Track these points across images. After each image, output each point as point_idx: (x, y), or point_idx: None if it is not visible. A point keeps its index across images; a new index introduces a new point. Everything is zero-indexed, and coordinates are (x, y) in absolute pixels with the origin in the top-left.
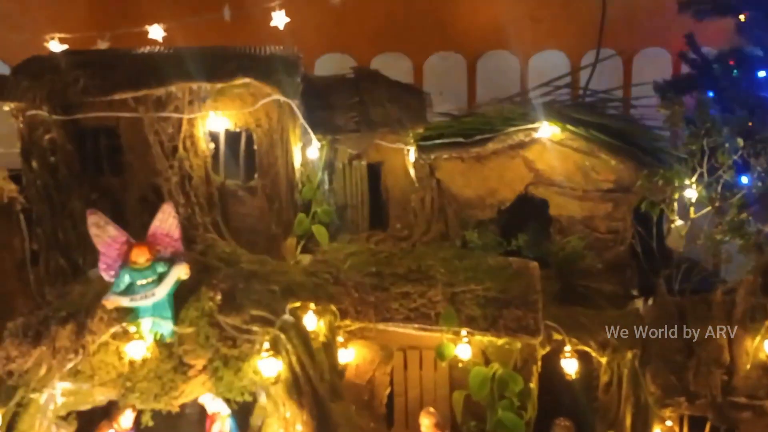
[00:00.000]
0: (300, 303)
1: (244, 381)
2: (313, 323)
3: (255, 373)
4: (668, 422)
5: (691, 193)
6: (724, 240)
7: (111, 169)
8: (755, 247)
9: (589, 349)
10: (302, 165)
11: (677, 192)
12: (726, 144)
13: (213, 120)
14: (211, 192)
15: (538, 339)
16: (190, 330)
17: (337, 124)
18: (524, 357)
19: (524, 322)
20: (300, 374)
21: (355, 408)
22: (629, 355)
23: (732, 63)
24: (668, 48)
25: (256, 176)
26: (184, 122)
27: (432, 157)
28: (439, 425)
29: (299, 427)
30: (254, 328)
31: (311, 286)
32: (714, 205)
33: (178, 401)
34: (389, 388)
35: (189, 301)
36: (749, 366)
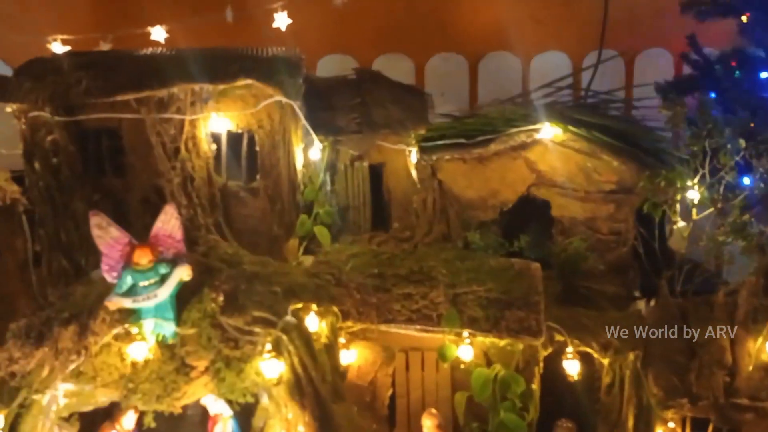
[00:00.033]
0: (302, 304)
1: (246, 382)
2: (315, 324)
3: (257, 375)
4: (670, 424)
5: (694, 195)
6: (727, 241)
7: (113, 171)
8: (757, 249)
9: (591, 351)
10: (304, 166)
11: (679, 193)
12: (728, 145)
13: (215, 121)
14: (214, 193)
15: (540, 340)
16: (193, 331)
17: (339, 125)
18: (526, 358)
19: (526, 324)
20: (302, 375)
21: (357, 409)
22: (631, 357)
23: (734, 64)
24: (670, 49)
25: (258, 177)
26: (187, 123)
27: (434, 158)
28: (441, 426)
29: (301, 429)
30: (256, 330)
31: (313, 288)
32: (716, 207)
33: (181, 402)
34: (391, 390)
35: (191, 303)
36: (751, 367)
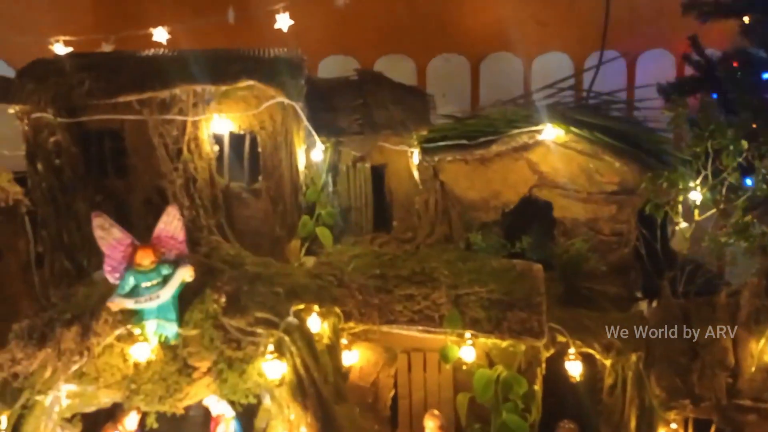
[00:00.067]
0: (304, 305)
1: (249, 383)
2: (317, 325)
3: (259, 376)
4: (673, 425)
5: (696, 196)
6: (729, 242)
7: (115, 172)
8: (760, 250)
9: (594, 352)
10: (306, 167)
11: (681, 194)
12: (730, 146)
13: (217, 122)
14: (216, 194)
15: (543, 341)
16: (195, 332)
17: (341, 127)
18: (528, 359)
19: (528, 325)
20: (304, 376)
21: (359, 410)
22: (634, 358)
23: (736, 65)
24: (672, 50)
25: (261, 178)
26: (189, 125)
27: (436, 160)
28: (444, 428)
29: (303, 430)
30: (259, 331)
31: (315, 289)
32: (718, 208)
33: (183, 403)
34: (393, 391)
35: (193, 304)
36: (754, 368)
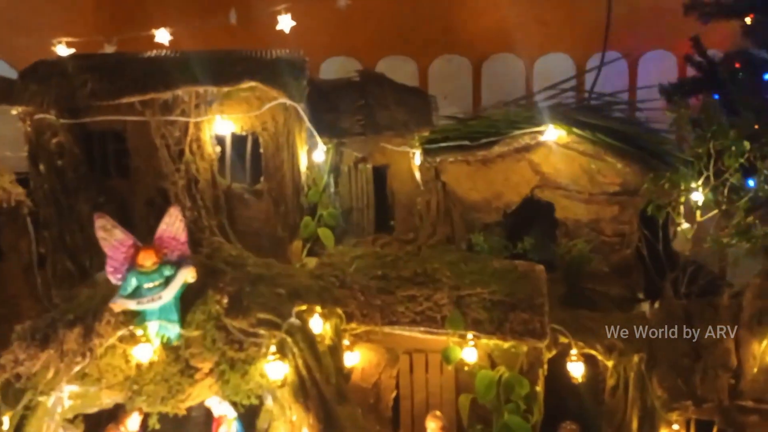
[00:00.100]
0: (306, 306)
1: (251, 384)
2: (319, 326)
3: (261, 376)
4: (675, 426)
5: (698, 196)
6: (731, 243)
7: (118, 173)
8: (762, 251)
9: (596, 353)
10: (308, 168)
11: (683, 195)
12: (732, 147)
13: (219, 123)
14: (218, 195)
15: (545, 342)
16: (197, 333)
17: (343, 128)
18: (530, 360)
19: (530, 326)
20: (306, 377)
21: (361, 411)
22: (636, 359)
23: (738, 65)
24: (674, 51)
25: (262, 179)
26: (191, 126)
27: (437, 160)
28: (445, 429)
29: (305, 430)
30: (261, 332)
31: (317, 290)
32: (720, 208)
33: (185, 404)
34: (395, 392)
35: (195, 305)
36: (756, 370)
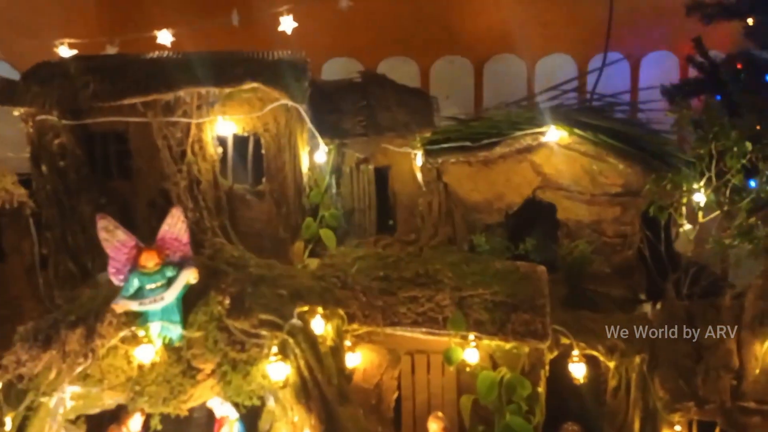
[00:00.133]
0: (308, 307)
1: (253, 385)
2: (321, 327)
3: (263, 377)
4: (677, 427)
5: (700, 198)
6: (733, 244)
7: (120, 174)
8: (764, 251)
9: (597, 354)
10: (310, 169)
11: (685, 196)
12: (734, 148)
13: (221, 124)
14: (219, 196)
15: (546, 343)
16: (199, 334)
17: (345, 129)
18: (532, 361)
19: (532, 327)
20: (308, 378)
21: (363, 412)
22: (637, 360)
23: (740, 66)
24: (676, 52)
25: (264, 180)
26: (193, 127)
27: (439, 161)
28: (447, 430)
29: (307, 431)
30: (262, 332)
31: (319, 290)
32: (722, 210)
33: (187, 405)
34: (397, 393)
35: (197, 305)
36: (758, 371)
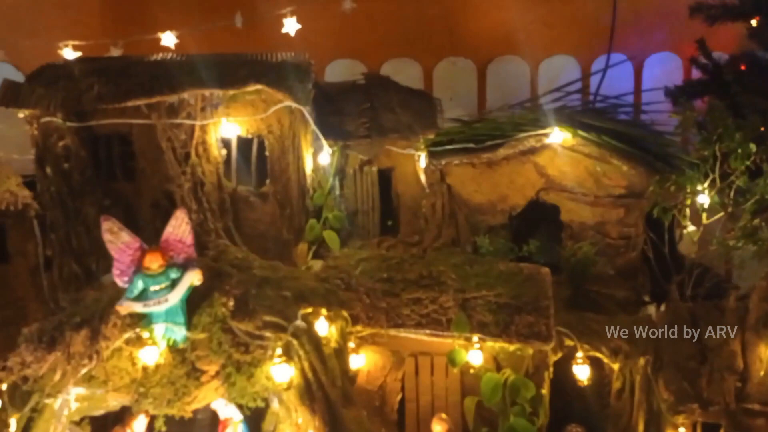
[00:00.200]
0: (312, 309)
1: (257, 387)
2: (325, 329)
3: (267, 379)
4: (681, 429)
5: (704, 199)
6: (737, 246)
7: (124, 176)
8: None
9: (601, 356)
10: (313, 171)
11: (689, 198)
12: (738, 149)
13: (225, 126)
14: (223, 198)
15: (550, 345)
16: (203, 336)
17: (348, 130)
18: (536, 363)
19: (536, 328)
20: (312, 380)
21: (367, 414)
22: (641, 362)
23: (744, 68)
24: (679, 53)
25: (268, 182)
26: (197, 129)
27: (443, 163)
28: (451, 431)
29: None
30: (267, 334)
31: (323, 292)
32: (726, 211)
33: (191, 407)
34: (400, 394)
35: (202, 307)
36: (763, 372)
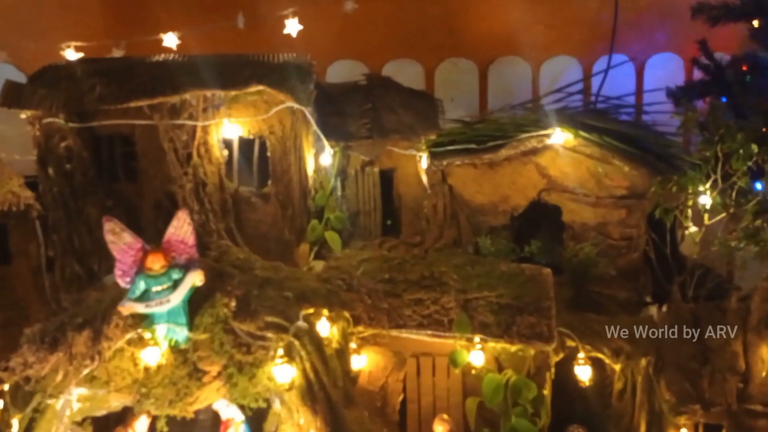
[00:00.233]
0: (313, 309)
1: (259, 387)
2: (327, 330)
3: (269, 380)
4: (683, 430)
5: (705, 200)
6: (739, 246)
7: (126, 176)
8: None
9: (603, 356)
10: (315, 172)
11: (691, 198)
12: (740, 150)
13: (227, 127)
14: (225, 199)
15: (552, 346)
16: (205, 336)
17: (350, 131)
18: (538, 364)
19: (538, 329)
20: (314, 380)
21: (368, 414)
22: (643, 362)
23: (745, 68)
24: (681, 53)
25: (270, 183)
26: (199, 129)
27: (444, 164)
28: None
29: None
30: (268, 335)
31: (324, 293)
32: (728, 212)
33: (193, 407)
34: (402, 395)
35: (203, 308)
36: (764, 373)
